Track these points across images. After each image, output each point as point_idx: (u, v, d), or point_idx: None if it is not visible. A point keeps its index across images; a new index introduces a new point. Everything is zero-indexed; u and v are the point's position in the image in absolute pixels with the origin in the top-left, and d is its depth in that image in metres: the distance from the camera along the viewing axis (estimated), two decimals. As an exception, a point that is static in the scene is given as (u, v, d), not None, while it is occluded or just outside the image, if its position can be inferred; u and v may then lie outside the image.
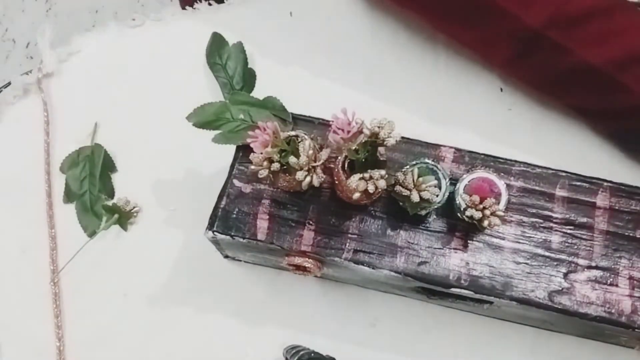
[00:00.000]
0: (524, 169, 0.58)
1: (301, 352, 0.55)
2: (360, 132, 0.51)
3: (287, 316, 0.61)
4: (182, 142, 0.67)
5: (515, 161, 0.58)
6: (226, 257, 0.63)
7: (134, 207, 0.65)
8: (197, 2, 0.73)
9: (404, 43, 0.72)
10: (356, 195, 0.51)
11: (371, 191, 0.51)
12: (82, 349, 0.61)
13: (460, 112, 0.69)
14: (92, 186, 0.65)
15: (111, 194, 0.66)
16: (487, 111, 0.69)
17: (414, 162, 0.55)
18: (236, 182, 0.58)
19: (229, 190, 0.57)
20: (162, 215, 0.65)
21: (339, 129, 0.50)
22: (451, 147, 0.59)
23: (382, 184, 0.51)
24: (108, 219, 0.64)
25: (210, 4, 0.72)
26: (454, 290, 0.54)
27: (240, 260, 0.63)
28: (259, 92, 0.68)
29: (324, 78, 0.69)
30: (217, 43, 0.70)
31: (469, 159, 0.58)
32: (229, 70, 0.68)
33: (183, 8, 0.73)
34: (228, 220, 0.56)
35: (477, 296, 0.54)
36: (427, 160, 0.55)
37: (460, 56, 0.71)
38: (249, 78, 0.68)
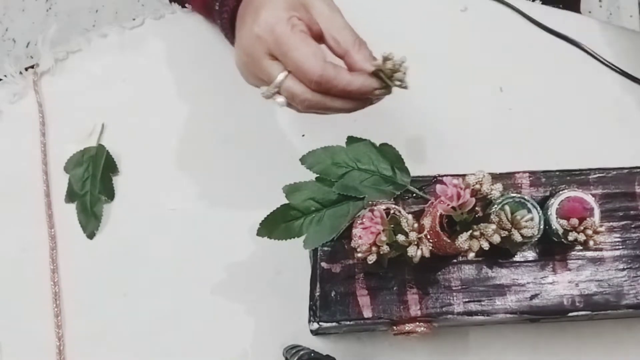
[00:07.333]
0: (600, 175, 0.57)
1: (301, 352, 0.55)
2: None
3: (287, 316, 0.61)
4: (183, 141, 0.67)
5: (590, 169, 0.57)
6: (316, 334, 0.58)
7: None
8: None
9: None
10: (471, 256, 0.49)
11: (486, 248, 0.48)
12: (82, 349, 0.61)
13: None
14: (93, 187, 0.65)
15: (111, 196, 0.66)
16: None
17: (499, 200, 0.52)
18: (324, 265, 0.54)
19: (320, 275, 0.54)
20: (163, 215, 0.65)
21: (448, 198, 0.47)
22: (525, 172, 0.57)
23: (496, 239, 0.48)
24: None
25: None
26: (571, 314, 0.53)
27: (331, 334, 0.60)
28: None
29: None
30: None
31: (545, 179, 0.57)
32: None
33: (182, 6, 0.73)
34: (329, 306, 0.53)
35: (594, 314, 0.53)
36: (512, 194, 0.53)
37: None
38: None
